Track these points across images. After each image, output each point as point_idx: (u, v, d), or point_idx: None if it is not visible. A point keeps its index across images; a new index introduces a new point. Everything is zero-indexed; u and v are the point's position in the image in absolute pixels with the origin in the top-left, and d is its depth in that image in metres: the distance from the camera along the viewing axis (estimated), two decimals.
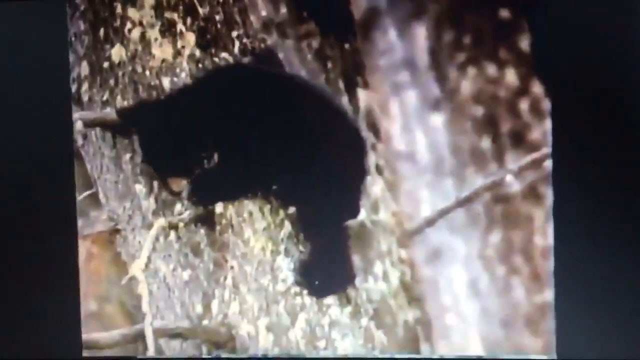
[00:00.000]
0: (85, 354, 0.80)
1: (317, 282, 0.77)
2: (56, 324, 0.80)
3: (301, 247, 0.76)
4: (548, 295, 0.74)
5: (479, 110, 0.74)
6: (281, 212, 0.77)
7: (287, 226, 0.77)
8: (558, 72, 0.72)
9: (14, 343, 0.81)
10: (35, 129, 0.79)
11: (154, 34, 0.77)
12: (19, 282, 0.80)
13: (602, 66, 0.72)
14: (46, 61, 0.78)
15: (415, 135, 0.75)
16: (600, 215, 0.72)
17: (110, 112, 0.78)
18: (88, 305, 0.80)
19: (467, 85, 0.74)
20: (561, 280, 0.73)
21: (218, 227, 0.78)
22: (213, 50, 0.77)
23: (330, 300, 0.77)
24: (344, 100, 0.76)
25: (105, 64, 0.78)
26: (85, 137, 0.79)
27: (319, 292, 0.77)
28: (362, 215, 0.76)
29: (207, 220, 0.78)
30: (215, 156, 0.76)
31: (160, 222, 0.78)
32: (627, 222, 0.72)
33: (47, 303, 0.80)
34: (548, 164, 0.73)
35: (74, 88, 0.78)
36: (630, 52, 0.71)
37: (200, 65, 0.77)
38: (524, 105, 0.73)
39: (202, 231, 0.78)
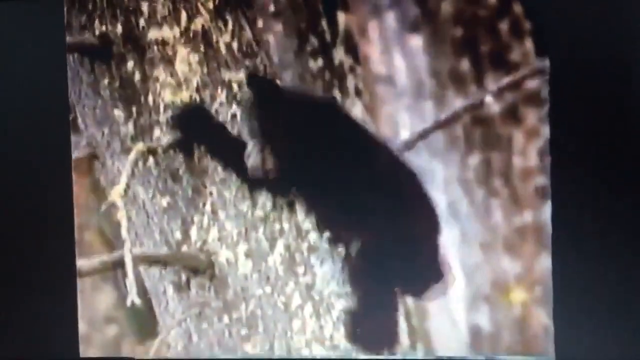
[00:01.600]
0: None
1: (358, 331, 0.76)
2: (53, 325, 0.80)
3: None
4: (527, 217, 0.73)
5: (458, 32, 0.73)
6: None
7: None
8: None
9: (10, 343, 0.80)
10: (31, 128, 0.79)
11: None
12: (16, 282, 0.80)
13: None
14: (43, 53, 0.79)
15: (394, 58, 0.74)
16: (600, 212, 0.72)
17: (88, 37, 0.78)
18: None
19: (446, 6, 0.73)
20: (561, 281, 0.73)
21: (197, 153, 0.77)
22: None
23: (308, 225, 0.76)
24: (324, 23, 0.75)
25: None
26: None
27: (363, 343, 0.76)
28: None
29: (185, 145, 0.77)
30: None
31: (139, 147, 0.78)
32: (629, 220, 0.72)
33: (44, 303, 0.80)
34: (528, 84, 0.72)
35: None
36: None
37: None
38: (503, 25, 0.72)
39: (181, 157, 0.78)
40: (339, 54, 0.75)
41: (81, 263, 0.79)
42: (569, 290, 0.73)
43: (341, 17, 0.75)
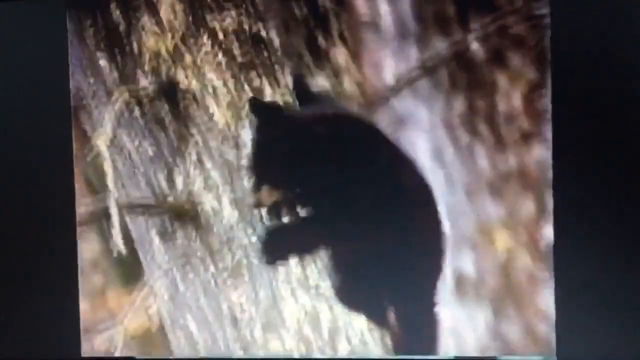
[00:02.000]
0: None
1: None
2: (55, 325, 0.80)
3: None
4: (512, 162, 0.73)
5: None
6: (245, 86, 0.76)
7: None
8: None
9: (11, 343, 0.81)
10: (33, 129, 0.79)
11: None
12: (17, 282, 0.80)
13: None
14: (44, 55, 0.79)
15: (379, 3, 0.74)
16: (601, 213, 0.72)
17: None
18: None
19: None
20: (562, 281, 0.73)
21: (182, 102, 0.77)
22: None
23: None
24: None
25: None
26: None
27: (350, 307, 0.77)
28: (326, 85, 0.75)
29: (171, 94, 0.77)
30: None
31: (125, 96, 0.78)
32: (630, 218, 0.72)
33: (46, 304, 0.80)
34: (513, 28, 0.72)
35: None
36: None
37: None
38: None
39: (167, 106, 0.77)
40: (324, 0, 0.74)
41: None
42: (571, 288, 0.73)
43: None
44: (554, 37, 0.71)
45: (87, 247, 0.79)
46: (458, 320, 0.74)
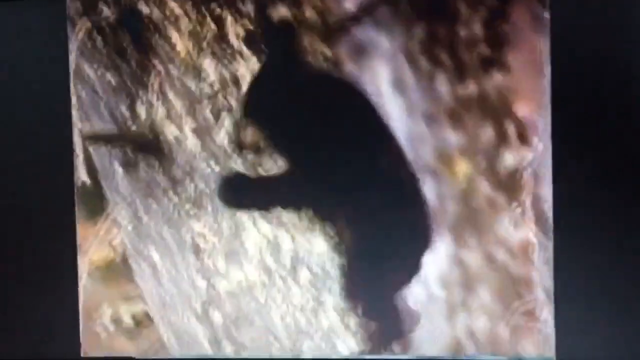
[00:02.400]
0: None
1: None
2: (54, 325, 0.80)
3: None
4: (472, 89, 0.73)
5: None
6: (207, 17, 0.76)
7: (214, 28, 0.76)
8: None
9: (11, 343, 0.81)
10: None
11: None
12: (16, 282, 0.80)
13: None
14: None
15: None
16: (602, 212, 0.72)
17: None
18: None
19: None
20: (561, 281, 0.73)
21: (144, 30, 0.77)
22: None
23: None
24: None
25: None
26: None
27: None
28: (288, 15, 0.75)
29: (132, 21, 0.77)
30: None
31: (87, 25, 0.78)
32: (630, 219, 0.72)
33: (45, 304, 0.80)
34: None
35: None
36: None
37: None
38: None
39: (128, 34, 0.77)
40: None
41: None
42: (571, 287, 0.73)
43: None
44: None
45: None
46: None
